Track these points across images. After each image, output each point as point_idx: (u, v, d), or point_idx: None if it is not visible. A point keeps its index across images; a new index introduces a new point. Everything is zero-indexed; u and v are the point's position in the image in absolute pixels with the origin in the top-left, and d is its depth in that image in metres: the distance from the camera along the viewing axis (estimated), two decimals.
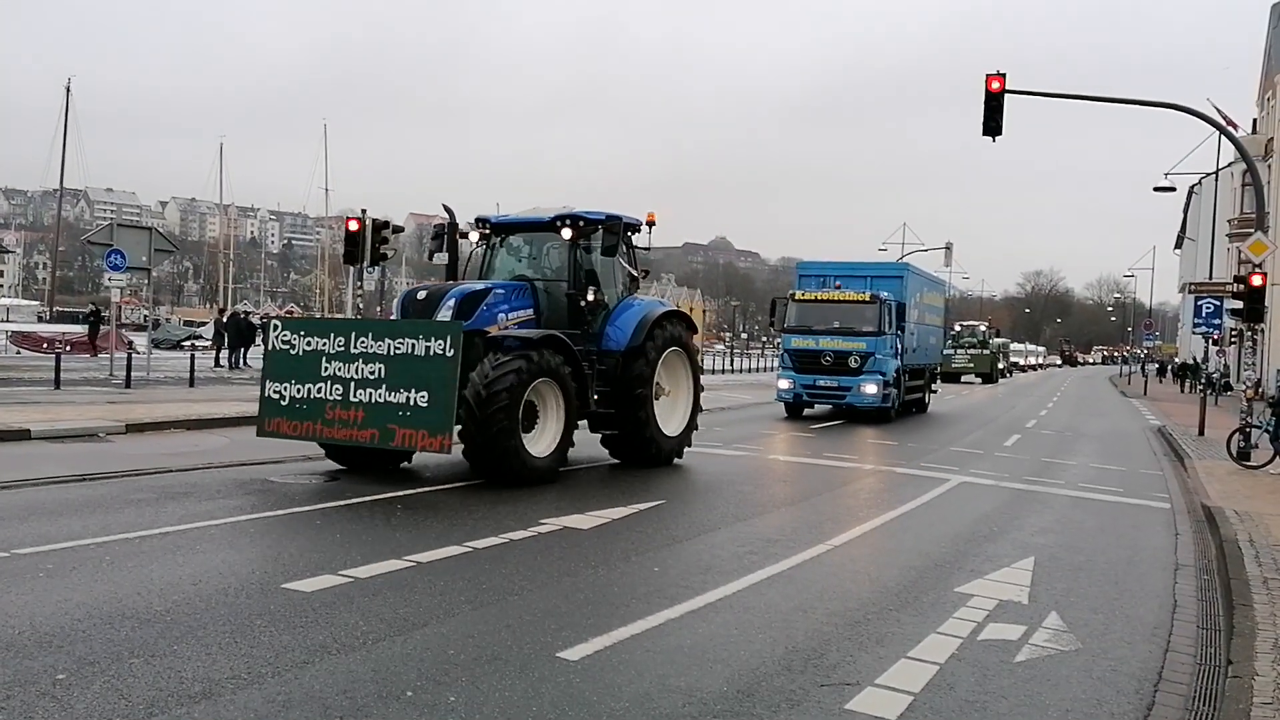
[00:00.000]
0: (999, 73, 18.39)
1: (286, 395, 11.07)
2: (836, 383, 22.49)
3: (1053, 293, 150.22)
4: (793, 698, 4.90)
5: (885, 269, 25.93)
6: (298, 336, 11.21)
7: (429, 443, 10.18)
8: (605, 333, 12.74)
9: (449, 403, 10.15)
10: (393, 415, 10.37)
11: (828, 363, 22.57)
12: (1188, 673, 5.73)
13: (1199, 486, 13.38)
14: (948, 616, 6.49)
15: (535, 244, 13.33)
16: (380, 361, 10.56)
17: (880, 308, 22.53)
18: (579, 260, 12.67)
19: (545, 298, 12.48)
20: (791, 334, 23.19)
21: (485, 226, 13.27)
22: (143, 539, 7.54)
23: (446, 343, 10.29)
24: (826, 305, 23.08)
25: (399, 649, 5.30)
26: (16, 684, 4.53)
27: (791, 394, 23.09)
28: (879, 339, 22.36)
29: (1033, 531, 9.90)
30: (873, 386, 22.16)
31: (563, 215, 12.50)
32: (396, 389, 10.39)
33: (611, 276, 13.26)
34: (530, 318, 12.07)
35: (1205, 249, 48.65)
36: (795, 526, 9.66)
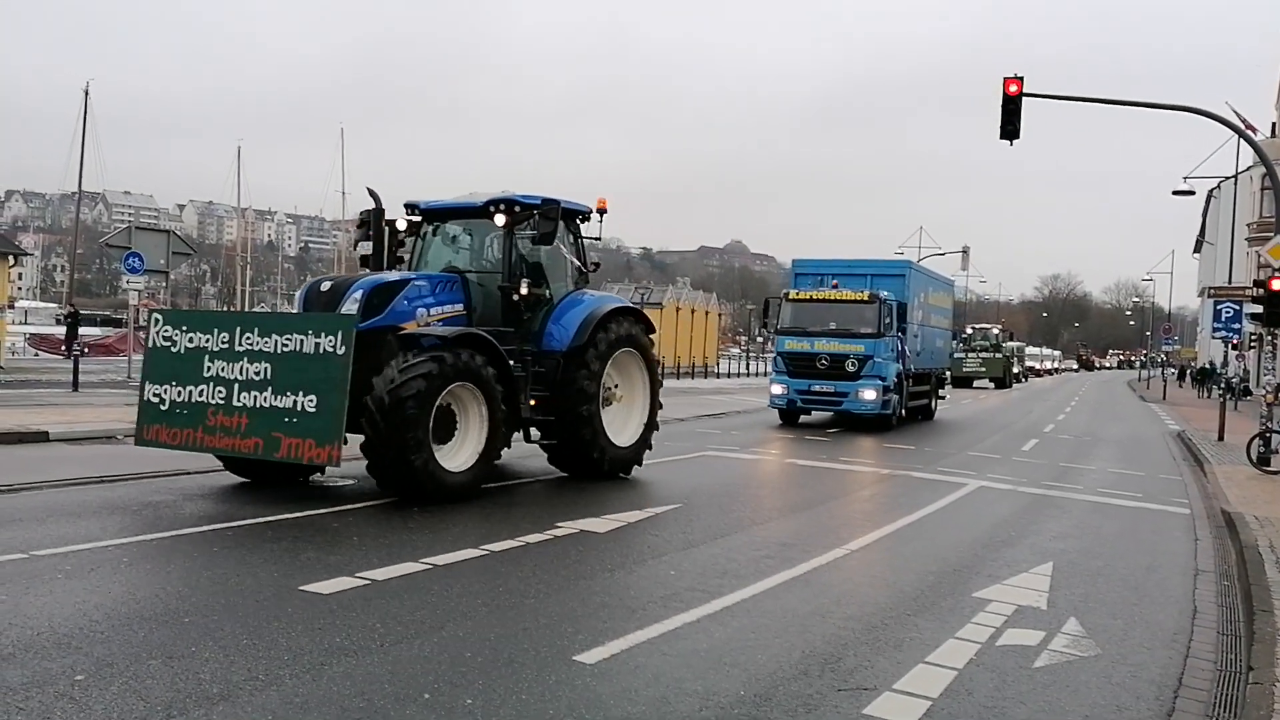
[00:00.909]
0: (1016, 76, 18.31)
1: (166, 399, 9.87)
2: (833, 388, 21.20)
3: (1070, 297, 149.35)
4: (810, 702, 4.88)
5: (886, 267, 24.21)
6: (179, 332, 9.97)
7: (316, 453, 9.03)
8: (546, 331, 11.51)
9: (338, 408, 8.99)
10: (278, 422, 9.20)
11: (823, 366, 21.27)
12: (1208, 679, 5.68)
13: (1219, 492, 13.27)
14: (966, 622, 6.45)
15: (476, 234, 12.08)
16: (266, 361, 9.40)
17: (880, 308, 21.12)
18: (517, 250, 11.45)
19: (479, 292, 11.29)
20: (785, 336, 21.92)
21: (416, 213, 12.05)
22: (161, 541, 7.58)
23: (337, 339, 9.12)
24: (822, 305, 21.68)
25: (416, 651, 5.30)
26: (35, 685, 4.56)
27: (785, 399, 21.82)
28: (878, 341, 21.02)
29: (1051, 537, 9.84)
30: (871, 392, 20.87)
31: (496, 199, 11.28)
32: (283, 392, 9.24)
33: (558, 269, 12.07)
34: (459, 313, 10.87)
35: (1224, 253, 48.34)
36: (812, 530, 9.63)
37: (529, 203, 11.15)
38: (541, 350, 11.41)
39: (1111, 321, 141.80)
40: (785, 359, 21.78)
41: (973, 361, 52.36)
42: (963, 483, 13.44)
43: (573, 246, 12.31)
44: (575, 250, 12.37)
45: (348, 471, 11.54)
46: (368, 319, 9.81)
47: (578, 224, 12.39)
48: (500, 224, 11.20)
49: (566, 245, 12.12)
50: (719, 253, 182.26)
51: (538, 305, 11.57)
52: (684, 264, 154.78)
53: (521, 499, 10.39)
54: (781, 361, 21.96)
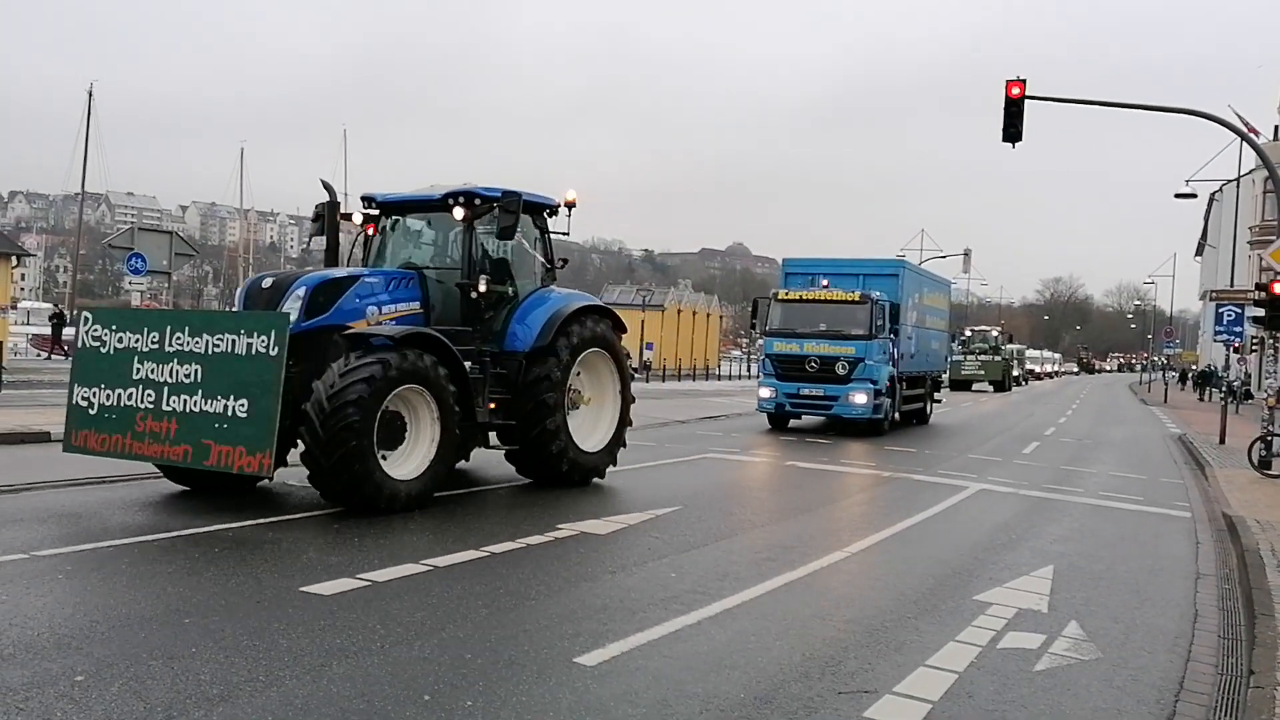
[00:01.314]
0: (1019, 79, 18.31)
1: (95, 403, 9.32)
2: (822, 391, 20.40)
3: (1072, 300, 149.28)
4: (810, 705, 4.88)
5: (879, 266, 23.17)
6: (109, 332, 9.41)
7: (247, 462, 8.48)
8: (509, 330, 10.95)
9: (270, 413, 8.44)
10: (208, 428, 8.66)
11: (813, 369, 20.45)
12: (1209, 683, 5.68)
13: (1220, 495, 13.26)
14: (966, 625, 6.45)
15: (439, 229, 11.52)
16: (196, 362, 8.85)
17: (871, 308, 20.30)
18: (477, 246, 10.90)
19: (438, 289, 10.75)
20: (774, 337, 21.14)
21: (373, 206, 11.47)
22: (162, 542, 7.58)
23: (270, 338, 8.57)
24: (812, 306, 20.84)
25: (416, 653, 5.30)
26: (35, 685, 4.56)
27: (773, 403, 21.04)
28: (870, 343, 20.26)
29: (1052, 540, 9.84)
30: (862, 396, 20.09)
31: (455, 192, 10.69)
32: (213, 396, 8.69)
33: (523, 266, 11.54)
34: (415, 312, 10.33)
35: (1226, 256, 48.35)
36: (813, 533, 9.63)
37: (489, 196, 10.61)
38: (504, 350, 10.86)
39: (1113, 325, 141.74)
40: (774, 361, 21.11)
41: (971, 364, 51.65)
42: (963, 486, 13.43)
43: (539, 242, 11.75)
44: (542, 246, 11.80)
45: None
46: (312, 318, 9.38)
47: (545, 219, 11.79)
48: (459, 218, 10.63)
49: (532, 241, 11.61)
50: (720, 255, 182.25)
51: (500, 303, 11.05)
52: (685, 266, 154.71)
53: (521, 501, 10.39)
54: (770, 364, 21.29)
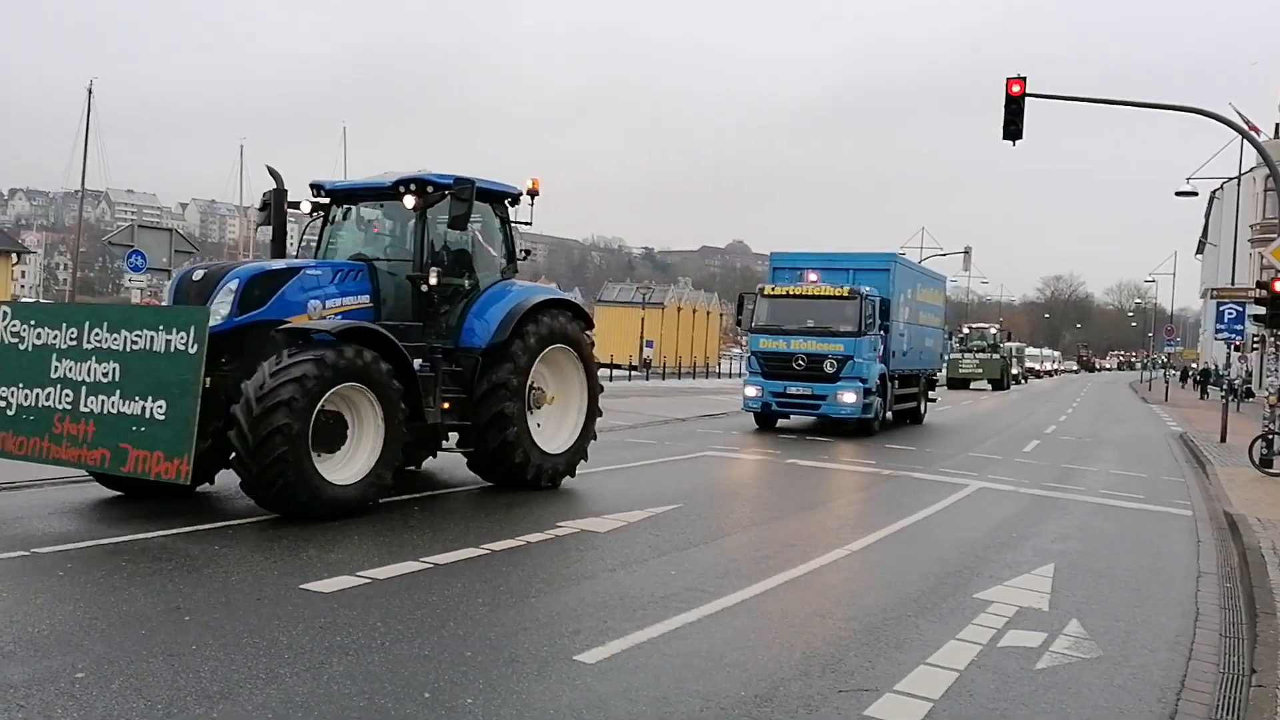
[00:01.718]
0: (1019, 76, 18.29)
1: (13, 403, 8.77)
2: (810, 390, 19.67)
3: (1072, 298, 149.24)
4: (810, 703, 4.88)
5: (869, 260, 22.07)
6: (28, 327, 8.90)
7: (165, 468, 7.88)
8: (466, 326, 10.37)
9: (189, 415, 7.86)
10: (125, 431, 8.12)
11: (800, 367, 19.75)
12: (1210, 681, 5.67)
13: (1221, 493, 13.26)
14: (967, 623, 6.44)
15: (395, 219, 10.85)
16: (115, 360, 8.32)
17: (860, 304, 19.55)
18: (431, 236, 10.26)
19: (390, 282, 10.15)
20: (760, 334, 20.40)
21: (322, 194, 10.87)
22: (162, 538, 7.57)
23: (189, 335, 8.01)
24: (799, 301, 20.15)
25: (417, 650, 5.30)
26: (36, 682, 4.56)
27: (759, 402, 20.35)
28: (859, 340, 19.52)
29: (1053, 538, 9.83)
30: (851, 395, 19.38)
31: (406, 179, 10.12)
32: (131, 396, 8.15)
33: (482, 257, 10.95)
34: (364, 306, 9.78)
35: (1227, 254, 48.31)
36: (813, 531, 9.63)
37: (441, 183, 10.01)
38: (459, 347, 10.29)
39: (1114, 323, 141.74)
40: (760, 359, 20.40)
41: (969, 362, 50.74)
42: (964, 484, 13.43)
43: (500, 232, 11.18)
44: (503, 236, 11.22)
45: None
46: (246, 312, 8.86)
47: (505, 207, 11.20)
48: (410, 206, 10.06)
49: (492, 231, 11.07)
50: (721, 253, 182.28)
51: (456, 297, 10.47)
52: (685, 264, 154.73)
53: (522, 498, 10.38)
54: (756, 361, 20.58)
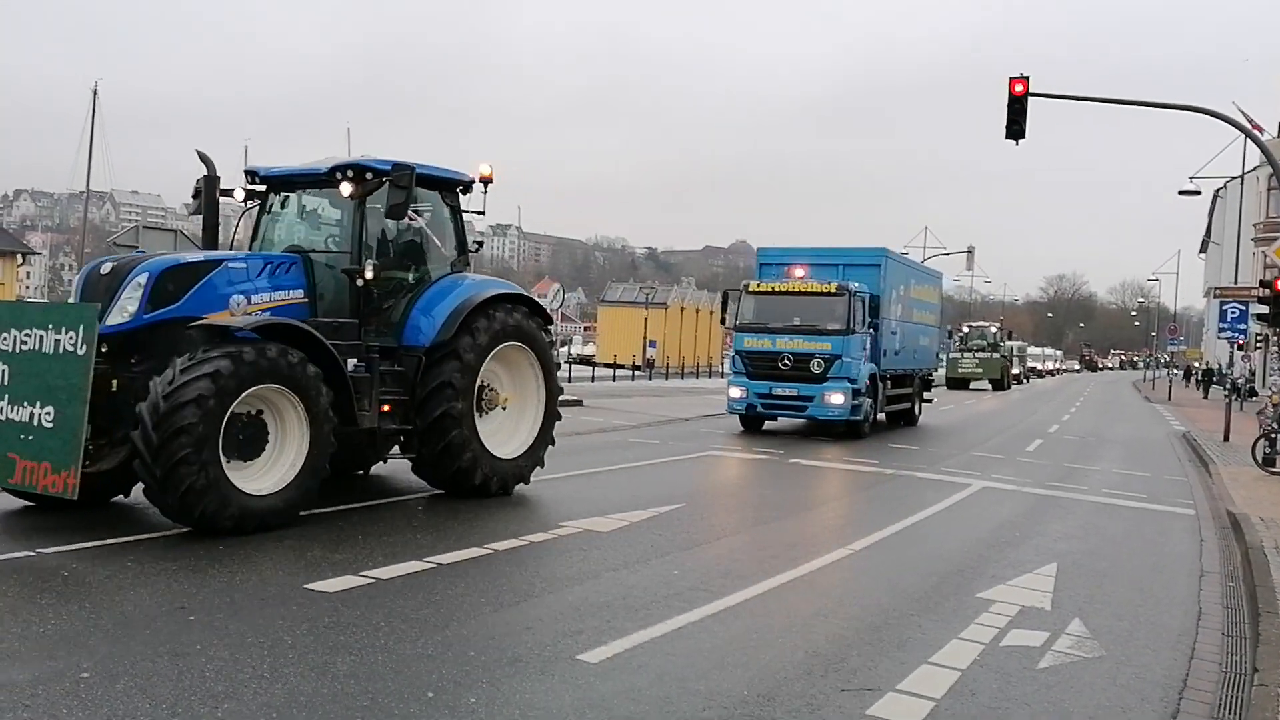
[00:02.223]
0: (1022, 76, 18.27)
1: None
2: (796, 391, 18.83)
3: (1075, 297, 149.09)
4: (813, 702, 4.89)
5: (858, 255, 21.24)
6: None
7: (52, 480, 7.32)
8: (410, 322, 9.72)
9: (76, 423, 7.26)
10: (13, 440, 7.55)
11: (786, 367, 18.93)
12: (1213, 681, 5.68)
13: (1224, 493, 13.25)
14: (970, 622, 6.45)
15: (339, 208, 10.06)
16: (3, 362, 7.75)
17: (849, 301, 18.71)
18: (368, 225, 9.59)
19: (327, 276, 9.51)
20: (745, 332, 19.62)
21: (257, 181, 10.21)
22: (166, 539, 7.59)
23: (78, 335, 7.38)
24: (785, 298, 19.29)
25: (420, 650, 5.32)
26: (41, 682, 4.58)
27: (744, 404, 19.55)
28: (847, 339, 18.67)
29: (1055, 537, 9.83)
30: (839, 396, 18.54)
31: (342, 165, 9.52)
32: (20, 402, 7.56)
33: (429, 249, 10.28)
34: (297, 302, 9.12)
35: (1230, 253, 48.24)
36: (815, 530, 9.63)
37: (380, 169, 9.37)
38: (403, 345, 9.66)
39: (1117, 322, 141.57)
40: (744, 358, 19.62)
41: (969, 362, 49.52)
42: (966, 483, 13.43)
43: (450, 223, 10.54)
44: (454, 227, 10.57)
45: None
46: (158, 309, 8.24)
47: (456, 196, 10.56)
48: (346, 194, 9.43)
49: (441, 221, 10.43)
50: (724, 252, 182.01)
51: (399, 292, 9.86)
52: (688, 263, 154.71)
53: (525, 498, 10.39)
54: (740, 361, 19.80)
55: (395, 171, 9.21)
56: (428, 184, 10.06)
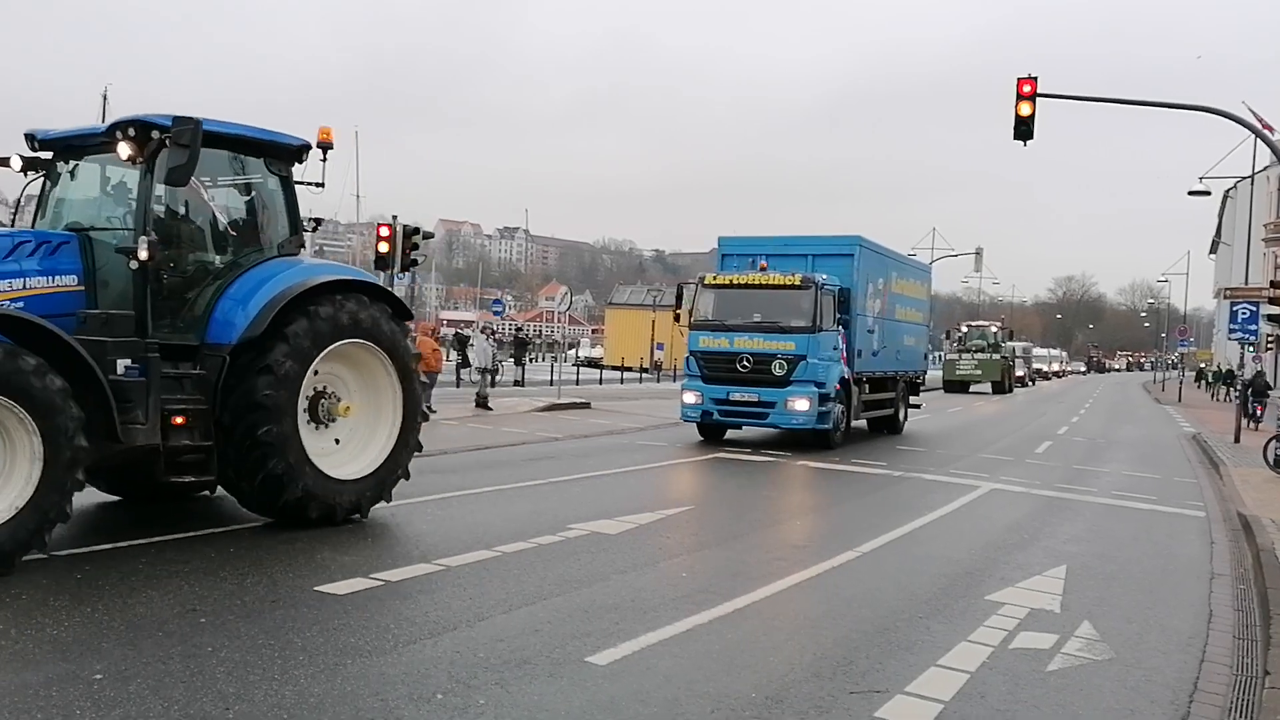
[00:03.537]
0: (1030, 77, 18.24)
1: None
2: (757, 396, 16.85)
3: (1084, 298, 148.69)
4: (821, 704, 4.89)
5: (828, 244, 18.93)
6: None
7: None
8: (215, 315, 8.07)
9: None
10: None
11: (745, 369, 16.95)
12: (1223, 683, 5.66)
13: (1235, 495, 13.20)
14: (978, 625, 6.44)
15: (131, 177, 8.24)
16: None
17: (816, 295, 16.75)
18: (151, 196, 7.89)
19: (112, 259, 7.87)
20: (700, 331, 17.63)
21: (36, 146, 8.60)
22: (178, 541, 7.63)
23: None
24: (745, 292, 17.40)
25: (429, 652, 5.34)
26: (55, 683, 4.61)
27: (698, 411, 17.41)
28: (814, 337, 16.67)
29: (1065, 539, 9.81)
30: (803, 401, 16.53)
31: (121, 122, 7.93)
32: None
33: (245, 227, 8.72)
34: (69, 289, 7.63)
35: (1241, 254, 48.06)
36: (823, 533, 9.63)
37: (158, 123, 7.74)
38: (205, 343, 8.01)
39: (1126, 323, 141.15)
40: (699, 359, 17.68)
41: (967, 363, 46.84)
42: (975, 485, 13.41)
43: (280, 197, 8.88)
44: (284, 201, 8.90)
45: None
46: None
47: (287, 165, 8.88)
48: (124, 156, 7.84)
49: (267, 194, 8.83)
50: None
51: (201, 278, 8.26)
52: (696, 266, 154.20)
53: (534, 500, 10.42)
54: (694, 362, 17.83)
55: (177, 126, 7.50)
56: (251, 149, 8.65)
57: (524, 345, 39.48)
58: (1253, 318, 23.06)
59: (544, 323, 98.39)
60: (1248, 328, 23.16)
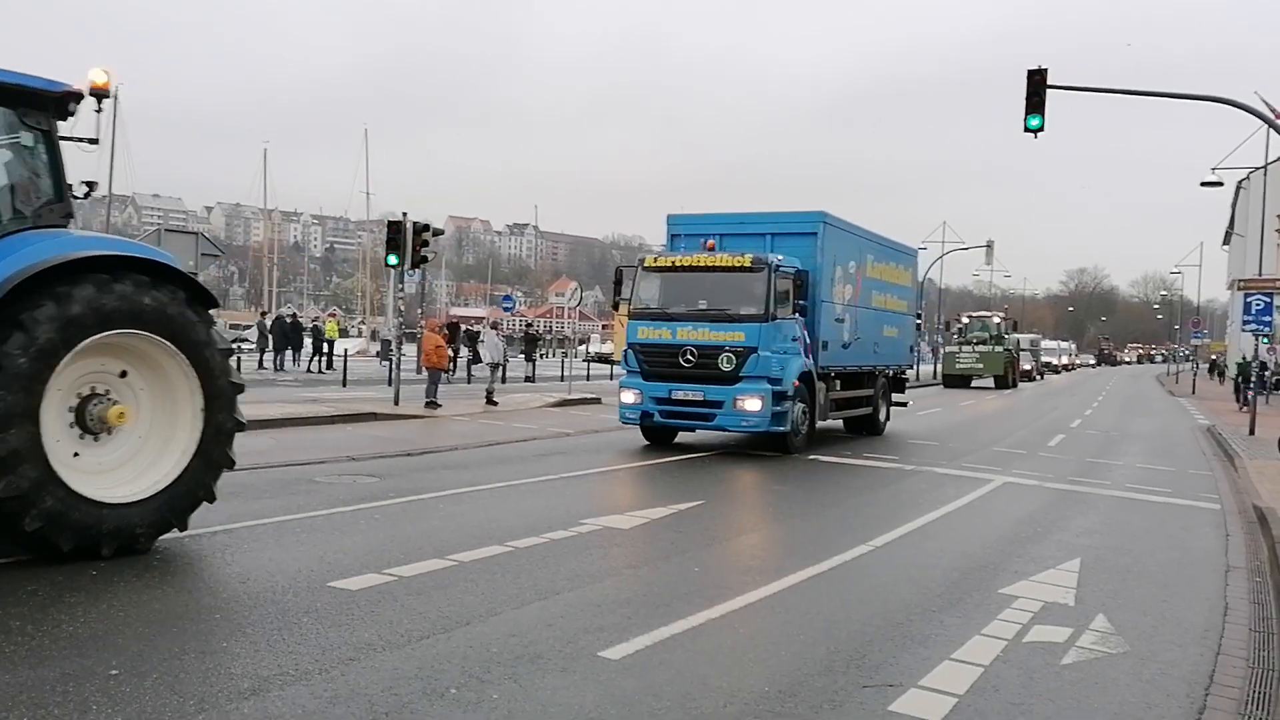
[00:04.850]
0: (1040, 68, 18.16)
1: None
2: (702, 394, 14.77)
3: (1097, 290, 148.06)
4: (835, 699, 4.88)
5: (789, 221, 16.64)
6: None
7: None
8: None
9: None
10: None
11: (689, 363, 14.85)
12: (1239, 676, 5.63)
13: (1250, 487, 13.13)
14: (992, 618, 6.42)
15: None
16: None
17: (769, 278, 14.69)
18: None
19: None
20: (639, 320, 15.51)
21: None
22: (192, 538, 7.66)
23: None
24: (690, 276, 15.27)
25: (442, 647, 5.35)
26: (71, 679, 4.63)
27: (637, 411, 15.36)
28: (768, 326, 14.65)
29: (1078, 533, 9.77)
30: (754, 400, 14.50)
31: None
32: None
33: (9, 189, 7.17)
34: None
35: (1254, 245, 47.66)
36: (836, 527, 9.62)
37: None
38: None
39: (1139, 315, 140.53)
40: (637, 353, 15.46)
41: (968, 357, 44.25)
42: (988, 479, 13.37)
43: (39, 155, 7.26)
44: (47, 158, 7.30)
45: (373, 470, 11.64)
46: None
47: (49, 116, 7.26)
48: None
49: (25, 153, 7.21)
50: None
51: None
52: None
53: (546, 494, 10.43)
54: (633, 356, 15.60)
55: None
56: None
57: (534, 341, 39.50)
58: (1267, 309, 22.89)
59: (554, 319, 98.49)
60: (1262, 319, 23.00)
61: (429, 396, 20.15)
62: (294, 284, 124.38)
